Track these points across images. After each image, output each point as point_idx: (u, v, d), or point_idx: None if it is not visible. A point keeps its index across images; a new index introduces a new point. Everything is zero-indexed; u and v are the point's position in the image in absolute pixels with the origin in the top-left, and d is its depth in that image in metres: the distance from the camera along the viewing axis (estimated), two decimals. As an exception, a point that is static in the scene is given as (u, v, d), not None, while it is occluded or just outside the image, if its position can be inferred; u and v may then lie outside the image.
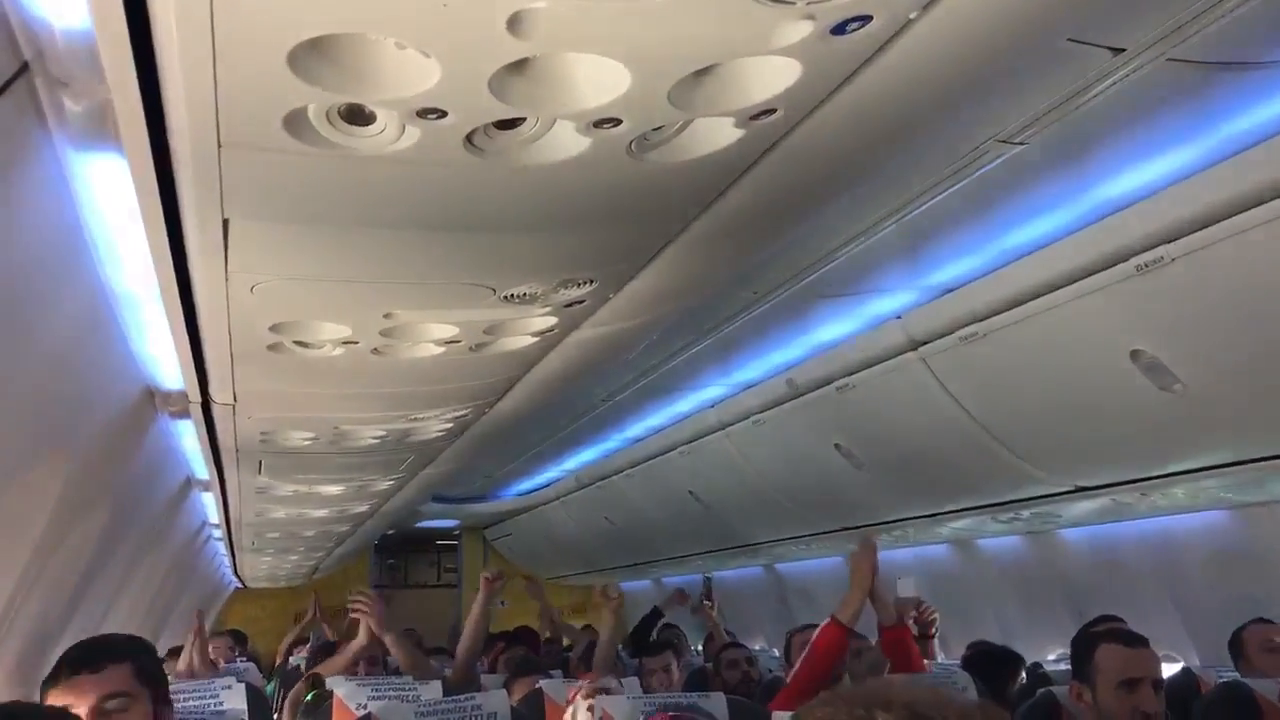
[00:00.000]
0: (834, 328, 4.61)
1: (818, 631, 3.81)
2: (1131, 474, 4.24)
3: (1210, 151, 2.83)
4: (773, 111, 1.50)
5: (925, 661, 4.48)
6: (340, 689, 4.07)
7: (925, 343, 4.14)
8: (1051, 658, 5.86)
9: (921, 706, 1.01)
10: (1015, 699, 4.48)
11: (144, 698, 2.36)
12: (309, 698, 4.53)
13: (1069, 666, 3.35)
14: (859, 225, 3.40)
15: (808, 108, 1.54)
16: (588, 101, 1.41)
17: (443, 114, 1.43)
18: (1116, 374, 3.52)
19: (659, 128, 1.54)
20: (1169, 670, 3.94)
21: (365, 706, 3.93)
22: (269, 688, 7.05)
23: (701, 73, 1.38)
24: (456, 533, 14.15)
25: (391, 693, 4.07)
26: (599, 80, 1.37)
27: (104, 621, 5.20)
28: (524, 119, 1.49)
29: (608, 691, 3.69)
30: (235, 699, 4.27)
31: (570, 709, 3.59)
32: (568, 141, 1.54)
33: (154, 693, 2.41)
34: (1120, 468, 4.26)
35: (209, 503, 6.22)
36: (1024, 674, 5.03)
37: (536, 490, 10.44)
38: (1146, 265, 3.09)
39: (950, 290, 3.94)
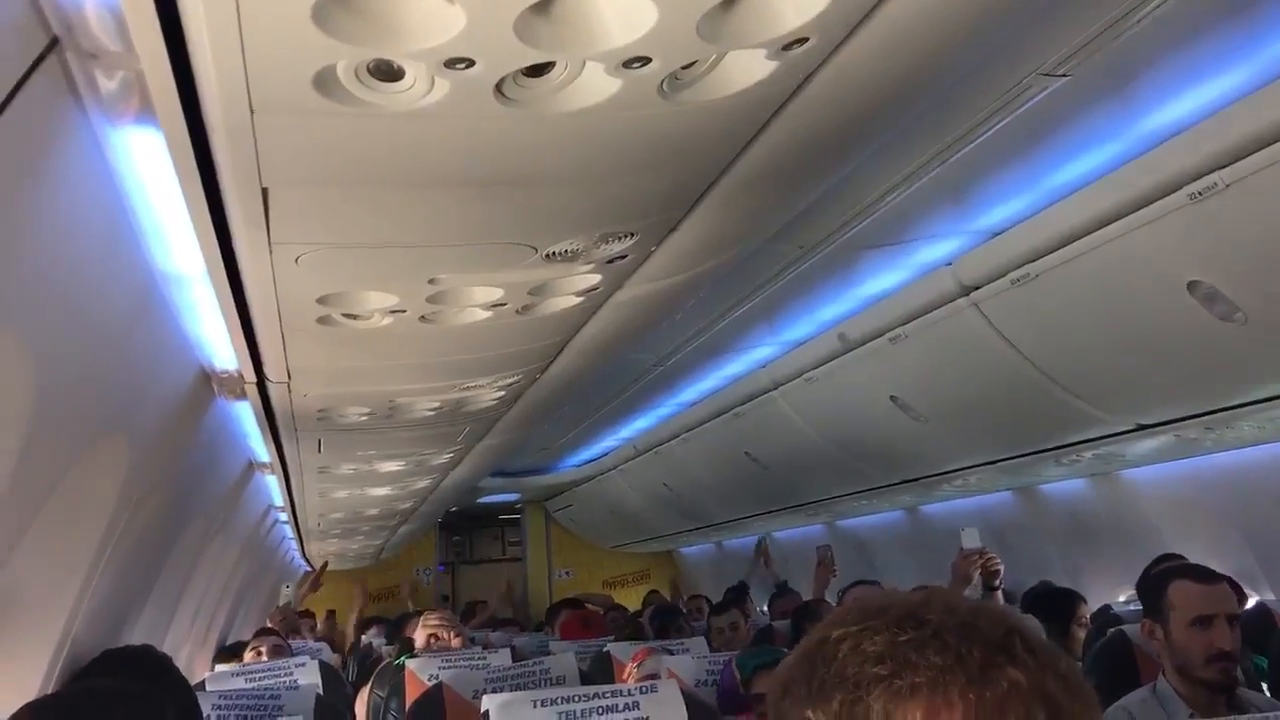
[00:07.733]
0: (883, 279, 4.56)
1: None
2: (1194, 409, 4.16)
3: (1259, 72, 2.75)
4: (805, 40, 1.48)
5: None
6: (411, 663, 4.21)
7: (976, 288, 4.08)
8: (1121, 599, 5.80)
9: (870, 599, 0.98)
10: (1087, 641, 4.45)
11: None
12: (398, 661, 4.67)
13: (1138, 608, 3.31)
14: (902, 172, 3.35)
15: (841, 35, 1.52)
16: (615, 40, 1.39)
17: (471, 63, 1.42)
18: (1174, 306, 3.45)
19: (690, 65, 1.52)
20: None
21: (436, 677, 4.03)
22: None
23: (730, 1, 1.35)
24: (518, 507, 14.25)
25: (461, 662, 4.18)
26: (625, 16, 1.35)
27: (178, 608, 5.30)
28: (553, 64, 1.47)
29: (670, 653, 3.80)
30: (309, 675, 4.39)
31: (629, 667, 3.70)
32: (598, 85, 1.52)
33: None
34: (1182, 403, 4.18)
35: (272, 485, 6.30)
36: (1088, 615, 4.98)
37: (594, 460, 10.48)
38: (1199, 193, 3.02)
39: (999, 233, 3.88)
